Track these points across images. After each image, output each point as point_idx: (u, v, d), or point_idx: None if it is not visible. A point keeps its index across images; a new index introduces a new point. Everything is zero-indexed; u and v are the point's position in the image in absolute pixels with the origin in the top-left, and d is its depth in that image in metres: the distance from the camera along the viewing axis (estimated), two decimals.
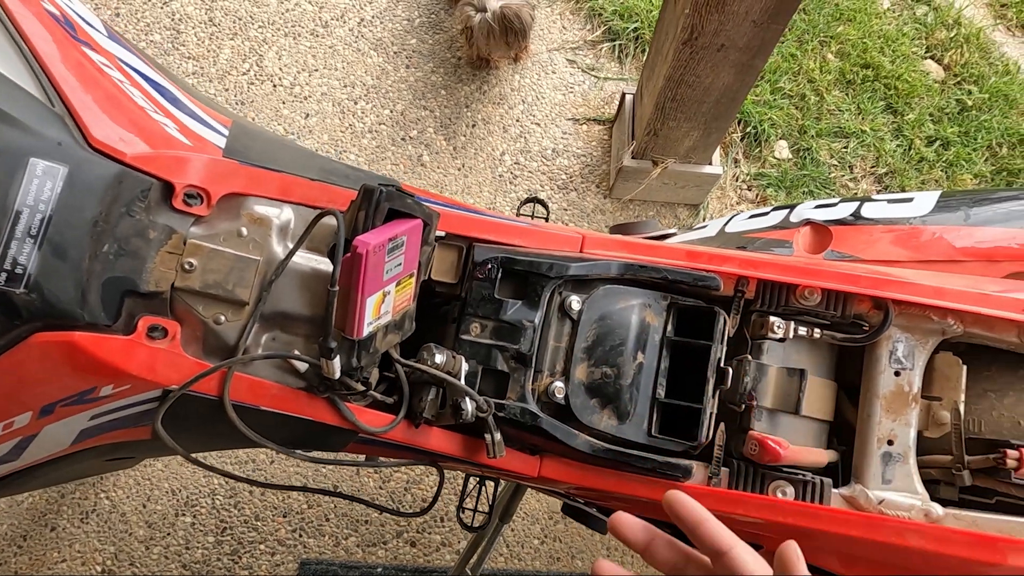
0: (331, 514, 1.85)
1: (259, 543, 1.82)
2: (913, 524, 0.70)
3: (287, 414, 0.70)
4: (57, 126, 0.59)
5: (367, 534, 1.85)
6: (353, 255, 0.62)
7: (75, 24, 0.70)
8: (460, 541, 1.85)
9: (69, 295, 0.58)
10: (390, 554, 1.84)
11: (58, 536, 1.79)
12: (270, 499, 1.85)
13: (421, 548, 1.84)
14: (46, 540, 1.79)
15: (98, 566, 1.80)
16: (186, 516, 1.83)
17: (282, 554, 1.82)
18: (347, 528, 1.85)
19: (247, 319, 0.68)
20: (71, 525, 1.80)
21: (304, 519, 1.84)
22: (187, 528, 1.82)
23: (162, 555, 1.80)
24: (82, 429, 0.68)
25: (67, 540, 1.79)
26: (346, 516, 1.85)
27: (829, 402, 0.79)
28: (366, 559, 1.83)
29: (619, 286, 0.79)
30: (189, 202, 0.66)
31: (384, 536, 1.84)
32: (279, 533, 1.83)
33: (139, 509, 1.82)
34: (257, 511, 1.85)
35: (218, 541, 1.82)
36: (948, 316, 0.74)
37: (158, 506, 1.83)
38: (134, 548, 1.80)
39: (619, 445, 0.77)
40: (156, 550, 1.80)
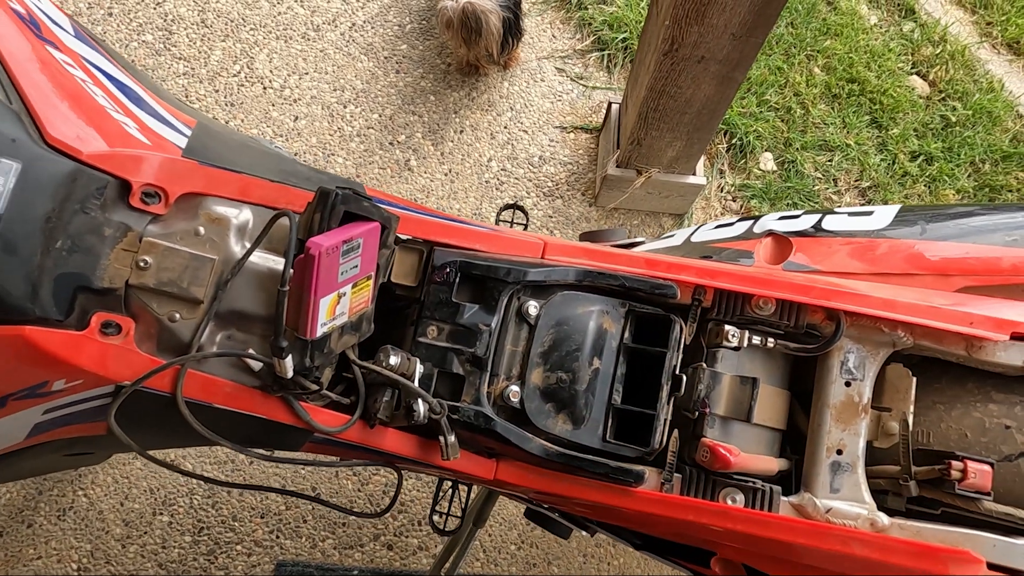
0: (309, 516, 1.85)
1: (236, 543, 1.82)
2: (858, 533, 0.70)
3: (243, 412, 0.70)
4: (12, 122, 0.60)
5: (344, 536, 1.85)
6: (306, 256, 0.62)
7: (40, 23, 0.71)
8: (437, 545, 1.85)
9: (19, 290, 0.59)
10: (367, 557, 1.84)
11: (34, 533, 1.79)
12: (248, 500, 1.85)
13: (398, 551, 1.85)
14: (22, 536, 1.79)
15: (74, 564, 1.79)
16: (163, 515, 1.83)
17: (259, 555, 1.82)
18: (324, 530, 1.85)
19: (202, 317, 0.69)
20: (48, 522, 1.80)
21: (282, 520, 1.84)
22: (164, 527, 1.82)
23: (138, 554, 1.80)
24: (36, 423, 0.68)
25: (43, 537, 1.79)
26: (324, 518, 1.85)
27: (782, 411, 0.80)
28: (343, 561, 1.83)
29: (577, 292, 0.80)
30: (147, 201, 0.66)
31: (361, 539, 1.84)
32: (256, 534, 1.83)
33: (116, 507, 1.82)
34: (235, 511, 1.85)
35: (195, 541, 1.82)
36: (898, 328, 0.75)
37: (136, 504, 1.83)
38: (110, 546, 1.80)
39: (574, 450, 0.77)
40: (132, 548, 1.80)
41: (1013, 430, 0.75)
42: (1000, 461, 0.75)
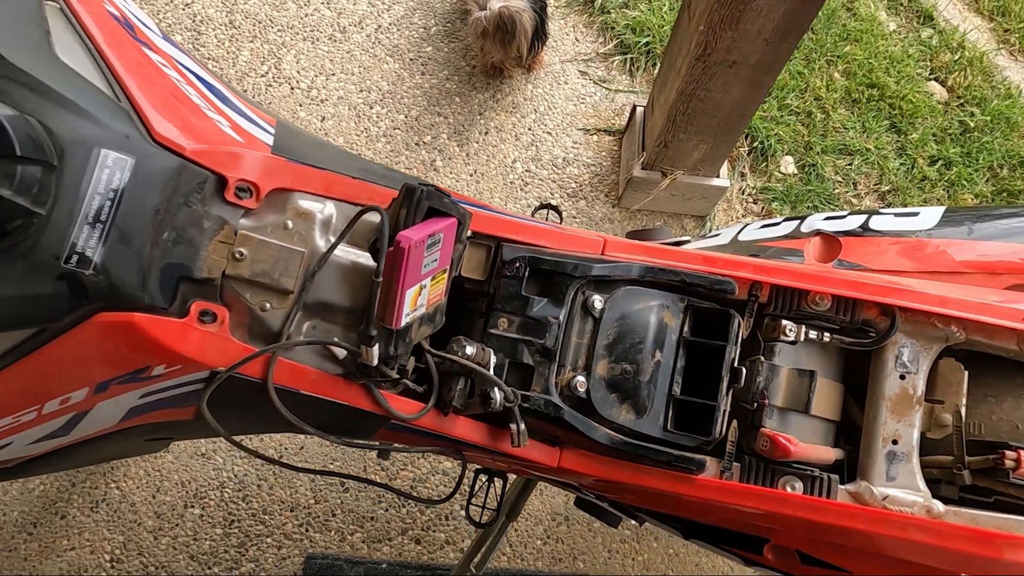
0: (337, 510, 1.88)
1: (266, 536, 1.85)
2: (916, 519, 0.74)
3: (324, 399, 0.74)
4: (124, 120, 0.63)
5: (372, 530, 1.88)
6: (396, 249, 0.66)
7: (134, 25, 0.74)
8: (464, 540, 1.88)
9: (132, 279, 0.62)
10: (395, 550, 1.86)
11: (68, 524, 1.82)
12: (277, 493, 1.88)
13: (426, 545, 1.87)
14: (56, 528, 1.82)
15: (106, 554, 1.82)
16: (195, 508, 1.85)
17: (288, 548, 1.85)
18: (353, 524, 1.88)
19: (291, 307, 0.72)
20: (81, 513, 1.83)
21: (311, 514, 1.87)
22: (195, 520, 1.84)
23: (170, 545, 1.83)
24: (131, 407, 0.71)
25: (76, 528, 1.82)
26: (352, 512, 1.88)
27: (836, 403, 0.83)
28: (371, 555, 1.86)
29: (639, 287, 0.83)
30: (240, 195, 0.70)
31: (389, 533, 1.87)
32: (286, 527, 1.86)
33: (148, 500, 1.85)
34: (265, 505, 1.88)
35: (226, 533, 1.84)
36: (952, 324, 0.78)
37: (167, 497, 1.85)
38: (143, 538, 1.82)
39: (636, 439, 0.80)
40: (164, 540, 1.83)
41: None
42: None
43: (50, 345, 0.62)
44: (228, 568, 1.83)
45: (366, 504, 1.89)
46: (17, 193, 0.55)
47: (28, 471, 0.81)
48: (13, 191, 0.55)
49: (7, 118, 0.55)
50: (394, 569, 1.84)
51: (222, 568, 1.83)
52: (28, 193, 0.56)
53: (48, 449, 0.74)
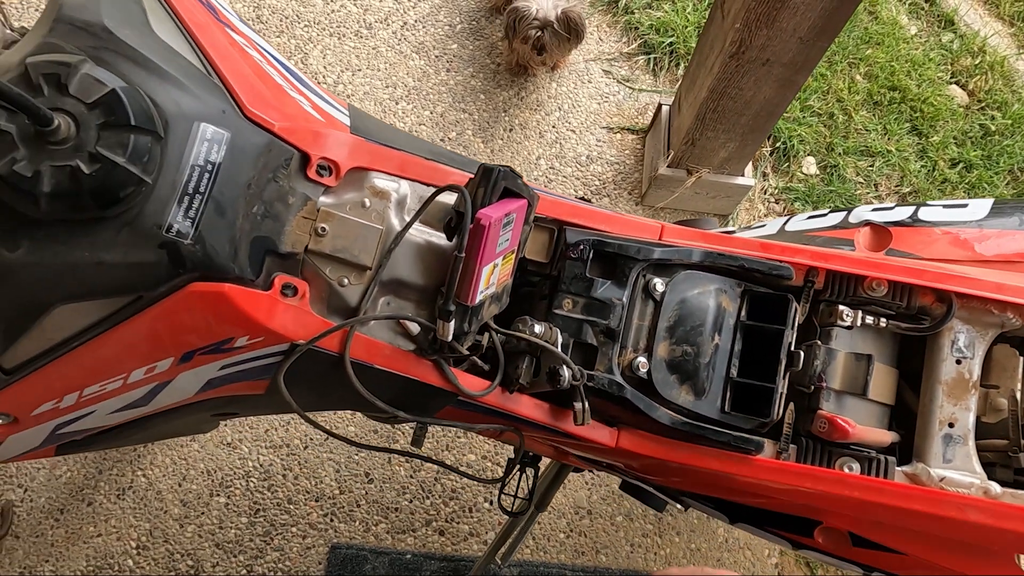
0: (362, 500, 1.89)
1: (291, 526, 1.86)
2: (974, 500, 0.75)
3: (396, 374, 0.75)
4: (219, 96, 0.65)
5: (397, 521, 1.89)
6: (476, 226, 0.67)
7: (215, 7, 0.76)
8: (487, 531, 1.89)
9: (225, 250, 0.64)
10: (419, 541, 1.88)
11: (95, 511, 1.83)
12: (303, 483, 1.89)
13: (449, 537, 1.89)
14: (83, 514, 1.83)
15: (132, 541, 1.83)
16: (220, 496, 1.86)
17: (313, 537, 1.86)
18: (377, 515, 1.89)
19: (368, 283, 0.74)
20: (107, 500, 1.84)
21: (336, 504, 1.88)
22: (221, 508, 1.86)
23: (196, 533, 1.84)
24: (210, 379, 0.73)
25: (103, 515, 1.83)
26: (377, 503, 1.89)
27: (891, 387, 0.85)
28: (395, 545, 1.87)
29: (698, 272, 0.85)
30: (321, 173, 0.71)
31: (414, 524, 1.89)
32: (311, 517, 1.87)
33: (175, 488, 1.86)
34: (290, 494, 1.89)
35: (251, 522, 1.86)
36: (1008, 310, 0.80)
37: (193, 485, 1.86)
38: (168, 525, 1.84)
39: (695, 420, 0.82)
40: (190, 528, 1.84)
41: None
42: None
43: (144, 313, 0.63)
44: (253, 556, 1.84)
45: (390, 495, 1.90)
46: (130, 161, 0.57)
47: (96, 444, 0.82)
48: (127, 159, 0.57)
49: (123, 89, 0.57)
50: (418, 560, 1.85)
51: (247, 556, 1.84)
52: (139, 162, 0.58)
53: (126, 419, 0.75)
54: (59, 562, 1.80)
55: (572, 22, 1.96)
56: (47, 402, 0.68)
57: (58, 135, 0.55)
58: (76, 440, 0.79)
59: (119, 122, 0.57)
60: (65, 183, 0.56)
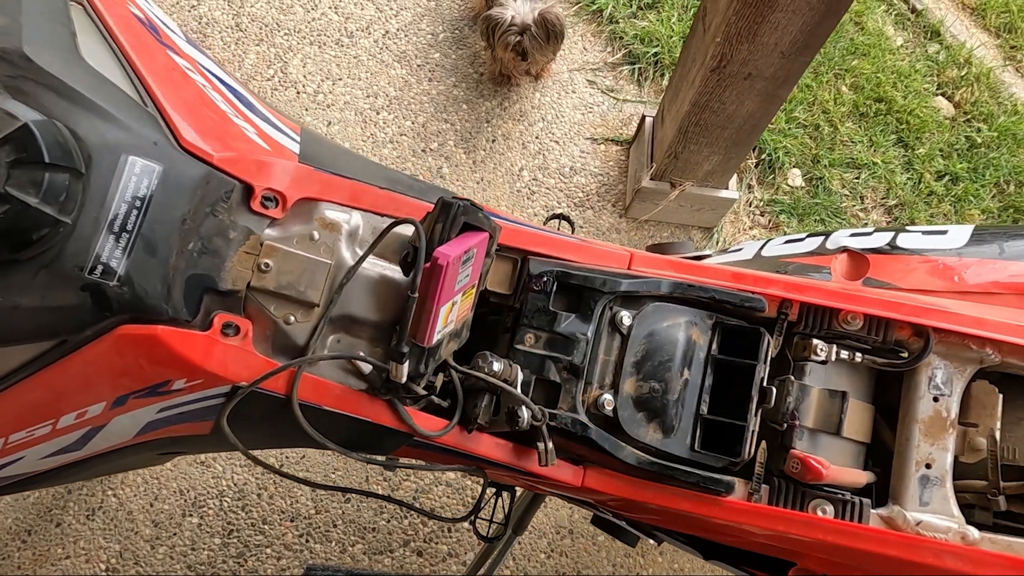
0: (339, 520, 1.85)
1: (265, 547, 1.82)
2: (951, 546, 0.72)
3: (346, 415, 0.71)
4: (152, 126, 0.61)
5: (374, 542, 1.85)
6: (434, 266, 0.64)
7: (158, 28, 0.72)
8: (467, 552, 1.86)
9: (156, 290, 0.60)
10: (396, 563, 1.84)
11: (63, 532, 1.78)
12: (278, 503, 1.85)
13: (428, 558, 1.85)
14: (51, 536, 1.78)
15: (102, 564, 1.79)
16: (193, 517, 1.82)
17: (288, 559, 1.82)
18: (354, 535, 1.85)
19: (317, 320, 0.70)
20: (77, 522, 1.80)
21: (311, 524, 1.84)
22: (193, 529, 1.81)
23: (167, 555, 1.80)
24: (149, 421, 0.69)
25: (72, 536, 1.78)
26: (354, 523, 1.85)
27: (867, 424, 0.82)
28: (372, 567, 1.83)
29: (668, 304, 0.82)
30: (266, 204, 0.68)
31: (391, 545, 1.85)
32: (286, 537, 1.83)
33: (146, 508, 1.82)
34: (265, 515, 1.85)
35: (224, 543, 1.81)
36: (987, 346, 0.77)
37: (165, 506, 1.82)
38: (139, 547, 1.79)
39: (663, 459, 0.79)
40: (162, 550, 1.79)
41: None
42: None
43: (69, 357, 0.59)
44: None
45: (368, 515, 1.86)
46: (44, 201, 0.53)
47: (32, 485, 0.78)
48: (40, 199, 0.53)
49: (35, 123, 0.53)
50: None
51: None
52: (55, 201, 0.54)
53: (59, 464, 0.72)
54: None
55: (550, 23, 1.93)
56: None
57: None
58: (10, 483, 0.75)
59: (31, 159, 0.53)
60: None
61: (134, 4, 0.72)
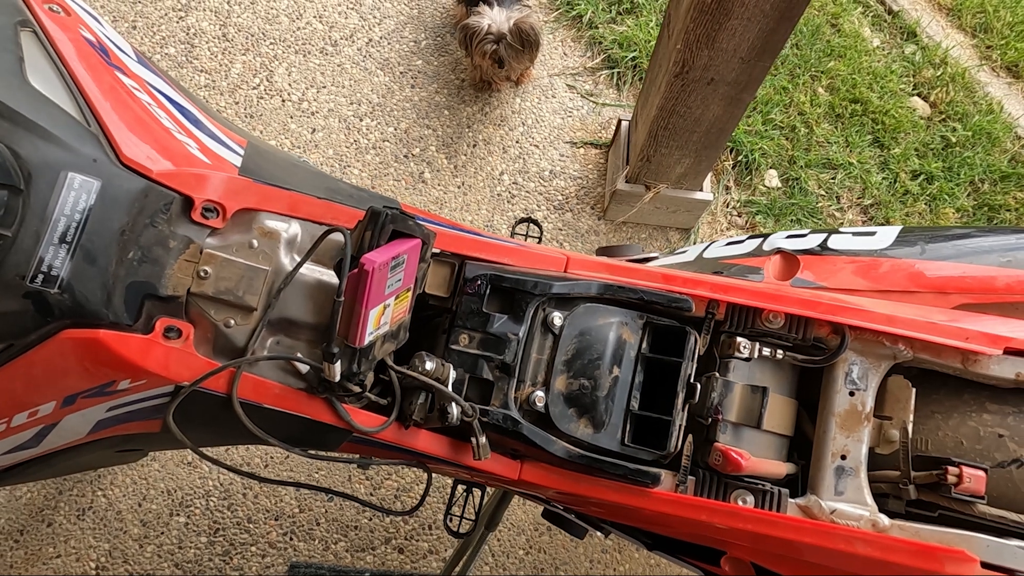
0: (321, 519, 1.89)
1: (250, 545, 1.86)
2: (861, 533, 0.76)
3: (288, 412, 0.76)
4: (92, 144, 0.66)
5: (356, 539, 1.89)
6: (360, 271, 0.68)
7: (108, 50, 0.77)
8: (447, 549, 1.90)
9: (96, 296, 0.64)
10: (378, 560, 1.88)
11: (54, 532, 1.83)
12: (263, 502, 1.90)
13: (408, 555, 1.89)
14: (42, 535, 1.84)
15: (92, 562, 1.84)
16: (180, 516, 1.87)
17: (272, 556, 1.86)
18: (337, 533, 1.89)
19: (256, 323, 0.74)
20: (67, 521, 1.85)
21: (295, 523, 1.88)
22: (181, 528, 1.86)
23: (155, 554, 1.84)
24: (99, 420, 0.74)
25: (63, 536, 1.83)
26: (336, 521, 1.90)
27: (790, 418, 0.86)
28: (355, 564, 1.87)
29: (599, 304, 0.86)
30: (206, 215, 0.72)
31: (373, 542, 1.89)
32: (270, 536, 1.88)
33: (134, 508, 1.87)
34: (250, 513, 1.89)
35: (210, 542, 1.86)
36: (899, 342, 0.80)
37: (153, 505, 1.87)
38: (128, 546, 1.84)
39: (594, 452, 0.82)
40: (150, 549, 1.84)
41: (1006, 438, 0.81)
42: (994, 467, 0.80)
43: (17, 360, 0.64)
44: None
45: (350, 513, 1.90)
46: None
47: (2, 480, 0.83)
48: None
49: None
50: None
51: None
52: None
53: (18, 460, 0.76)
54: None
55: (525, 32, 1.98)
56: None
57: None
58: None
59: None
60: None
61: (85, 27, 0.77)
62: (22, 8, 0.72)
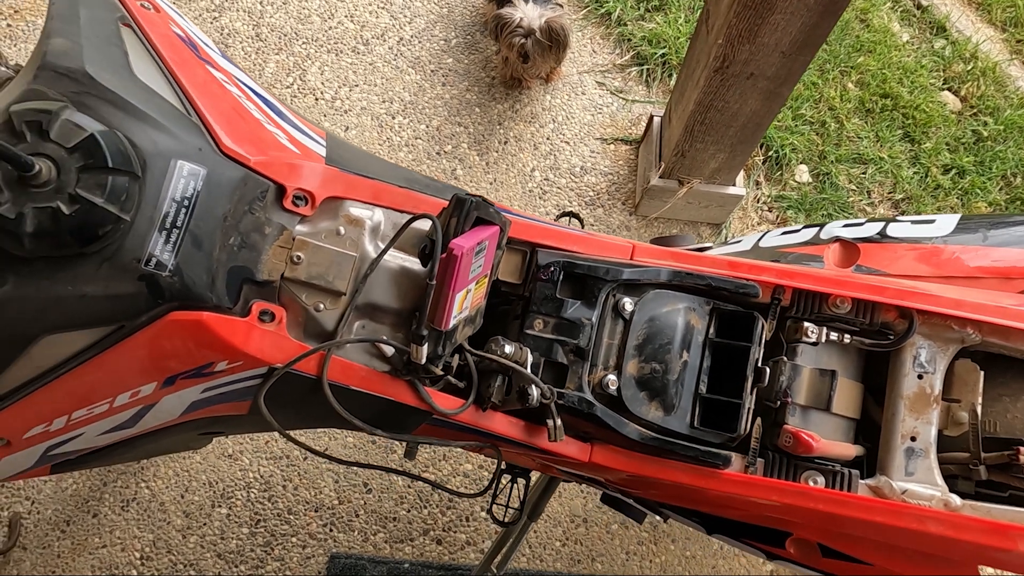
0: (360, 510, 1.92)
1: (291, 536, 1.89)
2: (933, 512, 0.77)
3: (372, 394, 0.78)
4: (196, 134, 0.69)
5: (395, 531, 1.92)
6: (449, 256, 0.70)
7: (197, 45, 0.80)
8: (484, 540, 1.92)
9: (202, 280, 0.67)
10: (417, 551, 1.90)
11: (99, 522, 1.87)
12: (302, 494, 1.93)
13: (447, 546, 1.91)
14: (88, 526, 1.87)
15: (136, 552, 1.87)
16: (222, 507, 1.90)
17: (313, 547, 1.89)
18: (376, 524, 1.92)
19: (344, 308, 0.77)
20: (112, 512, 1.88)
21: (335, 514, 1.91)
22: (223, 519, 1.89)
23: (198, 544, 1.88)
24: (193, 401, 0.76)
25: (108, 527, 1.87)
26: (375, 513, 1.92)
27: (856, 401, 0.87)
28: (393, 555, 1.90)
29: (667, 291, 0.88)
30: (297, 203, 0.75)
31: (411, 533, 1.91)
32: (310, 527, 1.90)
33: (177, 499, 1.90)
34: (290, 505, 1.92)
35: (252, 533, 1.89)
36: (967, 326, 0.82)
37: (195, 497, 1.90)
38: (171, 536, 1.87)
39: (665, 435, 0.84)
40: (192, 539, 1.87)
41: None
42: None
43: (126, 341, 0.67)
44: (254, 567, 1.87)
45: (388, 505, 1.93)
46: (108, 201, 0.61)
47: (89, 463, 0.86)
48: (105, 199, 0.61)
49: (100, 133, 0.61)
50: (416, 569, 1.88)
51: (248, 567, 1.87)
52: (117, 201, 0.61)
53: (114, 440, 0.79)
54: (65, 573, 1.84)
55: (555, 32, 2.00)
56: (37, 426, 0.72)
57: (39, 179, 0.59)
58: (69, 460, 0.83)
59: (97, 164, 0.60)
60: (47, 223, 0.60)
61: (175, 24, 0.80)
62: (118, 5, 0.75)
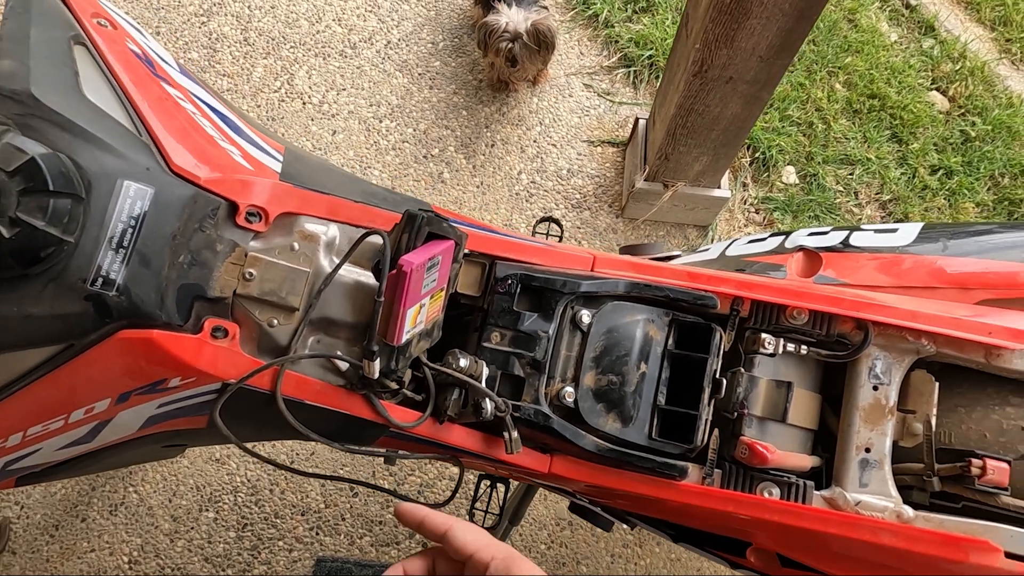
0: (347, 514, 1.93)
1: (278, 540, 1.91)
2: (886, 524, 0.77)
3: (328, 408, 0.79)
4: (144, 153, 0.69)
5: (381, 534, 1.93)
6: (398, 272, 0.71)
7: (153, 62, 0.80)
8: None
9: (151, 298, 0.68)
10: (403, 554, 1.91)
11: (88, 527, 1.88)
12: (289, 498, 1.94)
13: None
14: (76, 530, 1.89)
15: (125, 556, 1.89)
16: (209, 511, 1.91)
17: (299, 551, 1.90)
18: (362, 528, 1.93)
19: (298, 323, 0.77)
20: (101, 517, 1.90)
21: (321, 518, 1.92)
22: (210, 523, 1.90)
23: (185, 548, 1.89)
24: (150, 416, 0.77)
25: (96, 531, 1.88)
26: (361, 516, 1.93)
27: (814, 412, 0.87)
28: (379, 558, 1.91)
29: (626, 302, 0.88)
30: (250, 219, 0.75)
31: (397, 537, 1.92)
32: (297, 531, 1.92)
33: (165, 503, 1.91)
34: (277, 509, 1.93)
35: (239, 536, 1.90)
36: (922, 337, 0.82)
37: (183, 501, 1.92)
38: (159, 540, 1.89)
39: (622, 446, 0.85)
40: (180, 543, 1.89)
41: None
42: (1017, 459, 0.81)
43: (77, 359, 0.67)
44: (241, 570, 1.88)
45: (375, 508, 1.94)
46: (49, 224, 0.62)
47: (54, 475, 0.87)
48: (46, 222, 0.61)
49: (41, 156, 0.61)
50: None
51: (235, 570, 1.88)
52: (59, 223, 0.62)
53: (73, 455, 0.80)
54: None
55: (542, 34, 2.01)
56: None
57: None
58: (33, 472, 0.84)
59: (38, 188, 0.61)
60: None
61: (132, 41, 0.80)
62: (73, 23, 0.75)
